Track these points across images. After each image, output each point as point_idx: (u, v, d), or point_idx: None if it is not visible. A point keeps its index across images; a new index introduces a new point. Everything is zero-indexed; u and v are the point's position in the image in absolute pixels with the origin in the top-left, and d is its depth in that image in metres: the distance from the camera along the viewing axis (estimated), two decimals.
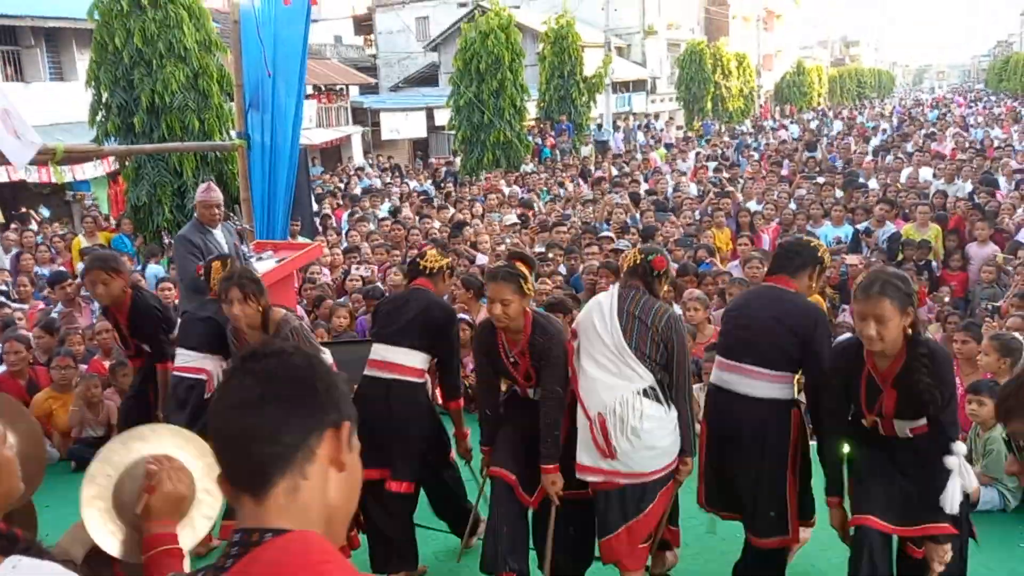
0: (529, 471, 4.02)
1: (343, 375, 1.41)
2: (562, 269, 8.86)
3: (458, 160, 22.69)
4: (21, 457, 1.89)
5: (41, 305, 9.01)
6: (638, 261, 3.89)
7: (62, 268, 9.81)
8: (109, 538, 2.09)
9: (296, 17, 7.48)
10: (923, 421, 3.46)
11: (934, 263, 9.33)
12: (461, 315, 7.75)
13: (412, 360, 4.31)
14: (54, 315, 8.23)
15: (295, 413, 1.29)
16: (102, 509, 2.10)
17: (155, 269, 10.14)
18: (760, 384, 3.81)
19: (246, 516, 1.29)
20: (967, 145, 20.15)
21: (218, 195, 6.54)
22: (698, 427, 4.10)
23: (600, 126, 29.29)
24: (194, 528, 2.11)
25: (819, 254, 3.94)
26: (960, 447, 3.37)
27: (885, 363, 3.42)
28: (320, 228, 12.18)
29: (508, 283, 3.90)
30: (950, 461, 3.33)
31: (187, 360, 4.83)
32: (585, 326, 3.89)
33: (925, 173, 14.50)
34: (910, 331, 3.34)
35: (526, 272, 4.03)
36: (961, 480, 3.32)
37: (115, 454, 2.15)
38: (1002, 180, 13.39)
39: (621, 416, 3.67)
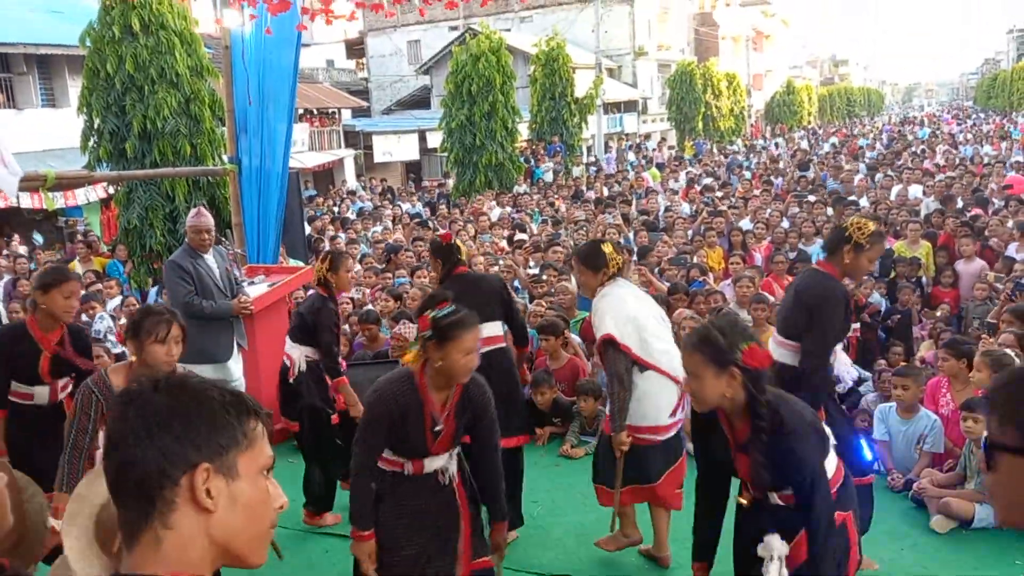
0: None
1: (228, 401, 1.32)
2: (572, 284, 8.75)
3: (451, 182, 22.74)
4: (27, 531, 1.90)
5: None
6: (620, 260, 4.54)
7: None
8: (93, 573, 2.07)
9: (286, 43, 7.50)
10: (790, 491, 3.00)
11: (924, 279, 9.36)
12: None
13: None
14: None
15: (139, 464, 1.24)
16: (84, 546, 2.09)
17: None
18: (775, 349, 4.26)
19: (121, 566, 1.28)
20: (957, 162, 20.26)
21: (209, 220, 6.52)
22: None
23: (589, 148, 29.44)
24: None
25: (847, 233, 4.17)
26: (774, 542, 2.98)
27: (738, 422, 3.01)
28: (312, 252, 12.17)
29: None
30: (767, 544, 2.99)
31: None
32: (634, 314, 4.34)
33: (915, 190, 14.57)
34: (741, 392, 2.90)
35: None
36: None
37: (90, 490, 2.15)
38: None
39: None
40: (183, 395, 1.28)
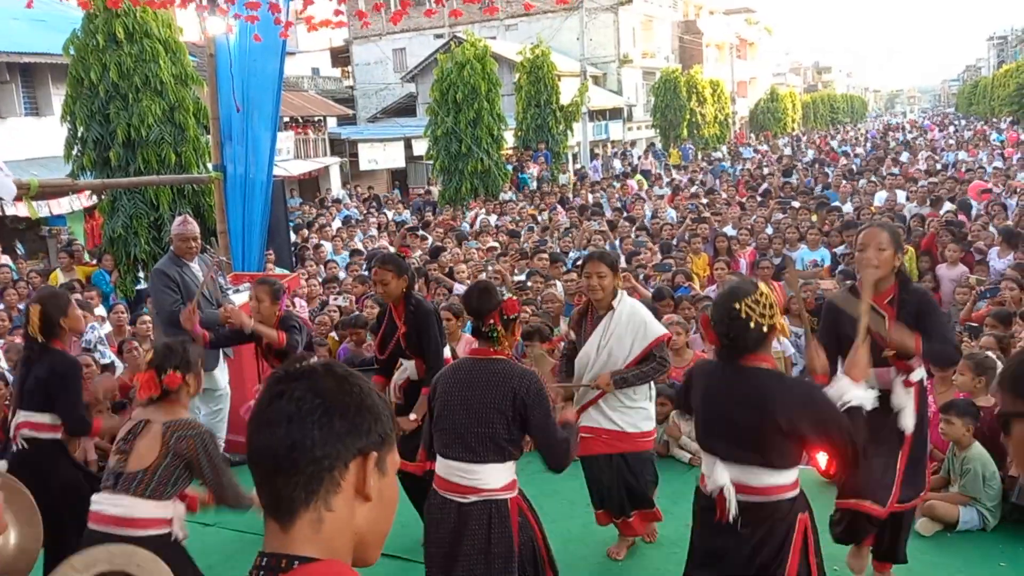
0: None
1: (379, 395, 1.37)
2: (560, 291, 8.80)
3: (436, 190, 22.73)
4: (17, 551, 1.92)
5: (18, 339, 8.89)
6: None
7: None
8: None
9: (270, 51, 7.51)
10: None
11: None
12: None
13: None
14: None
15: (318, 444, 1.27)
16: None
17: None
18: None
19: (272, 541, 1.29)
20: (939, 168, 20.43)
21: (194, 228, 6.51)
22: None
23: (575, 155, 29.50)
24: None
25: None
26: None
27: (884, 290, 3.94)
28: (297, 260, 12.15)
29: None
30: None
31: None
32: None
33: (898, 196, 14.66)
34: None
35: None
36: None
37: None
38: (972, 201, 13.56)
39: None
40: (353, 381, 1.33)
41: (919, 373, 4.07)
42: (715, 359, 3.32)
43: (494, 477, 3.60)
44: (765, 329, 3.06)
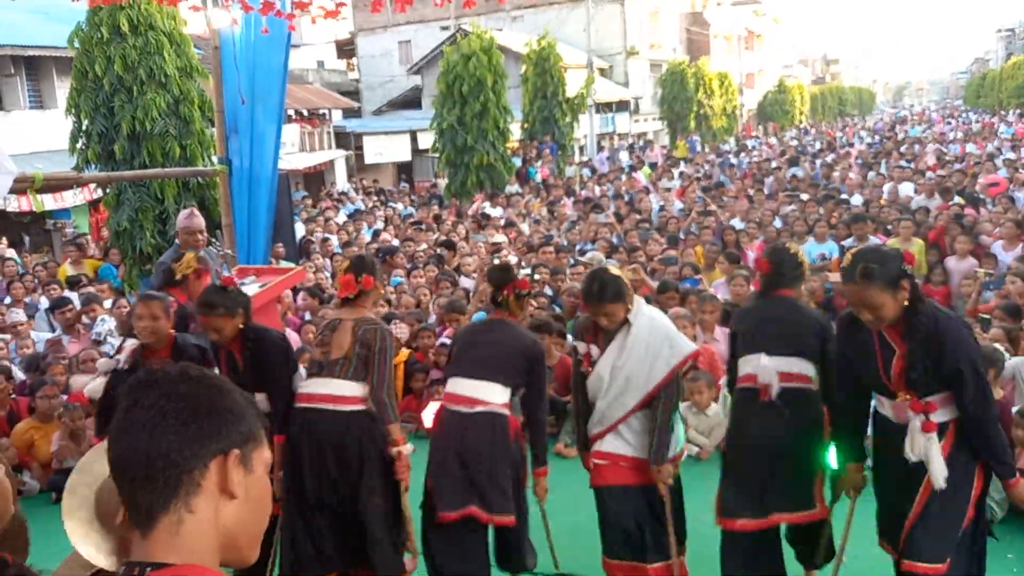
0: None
1: (241, 394, 1.38)
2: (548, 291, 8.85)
3: (442, 183, 22.67)
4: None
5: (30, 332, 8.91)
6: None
7: (67, 294, 9.73)
8: (93, 549, 2.06)
9: (276, 43, 7.46)
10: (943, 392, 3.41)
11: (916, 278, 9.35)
12: (444, 339, 7.78)
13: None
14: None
15: (174, 448, 1.26)
16: (84, 519, 2.08)
17: None
18: None
19: (133, 550, 1.28)
20: (947, 159, 20.33)
21: (200, 221, 6.50)
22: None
23: (581, 148, 29.43)
24: None
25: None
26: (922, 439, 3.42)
27: (896, 331, 3.51)
28: (302, 253, 12.14)
29: None
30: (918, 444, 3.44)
31: None
32: None
33: (906, 188, 14.61)
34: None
35: None
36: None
37: (95, 464, 2.13)
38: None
39: None
40: (208, 383, 1.33)
41: (944, 413, 3.45)
42: (756, 297, 4.40)
43: (497, 394, 4.21)
44: (797, 273, 4.17)
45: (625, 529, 4.15)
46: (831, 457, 4.03)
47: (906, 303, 3.34)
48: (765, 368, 3.96)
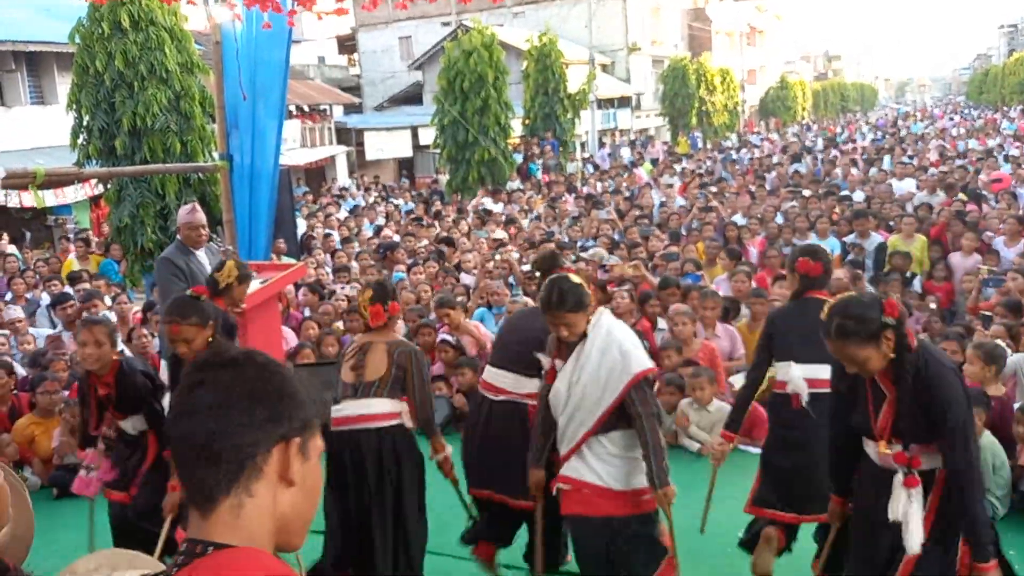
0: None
1: (305, 379, 1.39)
2: None
3: (443, 179, 22.65)
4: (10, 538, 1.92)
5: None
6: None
7: (67, 290, 9.72)
8: None
9: (277, 39, 7.44)
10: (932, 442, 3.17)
11: (918, 275, 9.33)
12: (443, 336, 7.78)
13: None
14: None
15: (239, 432, 1.27)
16: None
17: None
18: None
19: (193, 528, 1.30)
20: (949, 156, 20.30)
21: (202, 217, 6.49)
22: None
23: (583, 144, 29.39)
24: None
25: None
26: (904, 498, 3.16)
27: (887, 377, 3.23)
28: (303, 249, 12.14)
29: None
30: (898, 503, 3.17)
31: None
32: None
33: (909, 184, 14.57)
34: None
35: None
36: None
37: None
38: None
39: None
40: (274, 368, 1.35)
41: (931, 460, 3.21)
42: (790, 299, 4.47)
43: (519, 384, 4.48)
44: (830, 273, 4.41)
45: (596, 556, 3.84)
46: None
47: (891, 355, 3.11)
48: (795, 378, 4.14)
